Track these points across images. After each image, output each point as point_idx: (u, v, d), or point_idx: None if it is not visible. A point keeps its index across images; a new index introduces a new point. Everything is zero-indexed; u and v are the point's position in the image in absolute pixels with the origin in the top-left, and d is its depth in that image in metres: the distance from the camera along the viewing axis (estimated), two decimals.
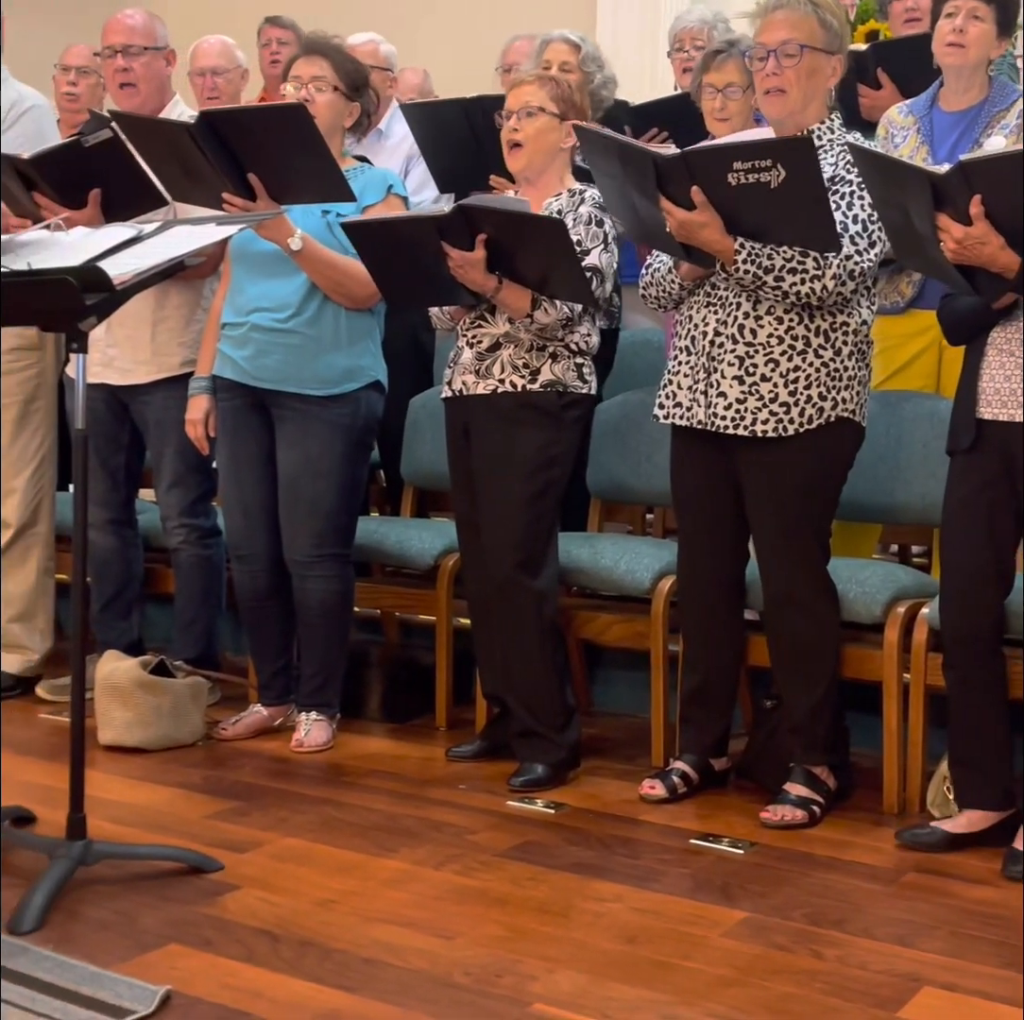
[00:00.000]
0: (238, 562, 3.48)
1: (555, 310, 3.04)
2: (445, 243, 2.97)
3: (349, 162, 3.40)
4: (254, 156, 3.12)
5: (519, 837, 2.80)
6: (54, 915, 2.27)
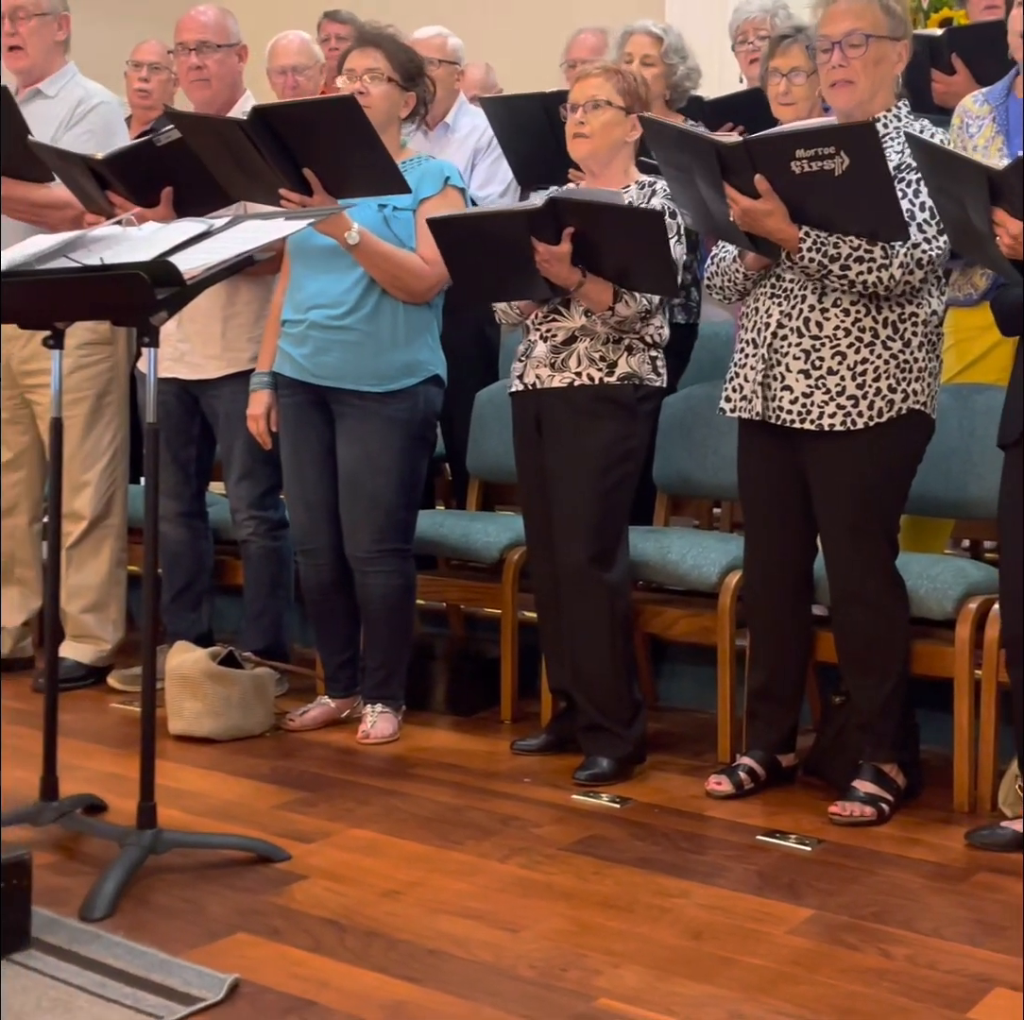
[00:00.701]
0: (303, 556, 3.50)
1: (635, 303, 3.03)
2: (533, 237, 2.96)
3: (407, 153, 3.39)
4: (308, 151, 3.12)
5: (584, 831, 2.79)
6: (125, 902, 2.31)
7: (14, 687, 3.84)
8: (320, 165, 3.13)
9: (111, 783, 2.92)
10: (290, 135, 3.10)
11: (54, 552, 2.76)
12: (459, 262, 3.13)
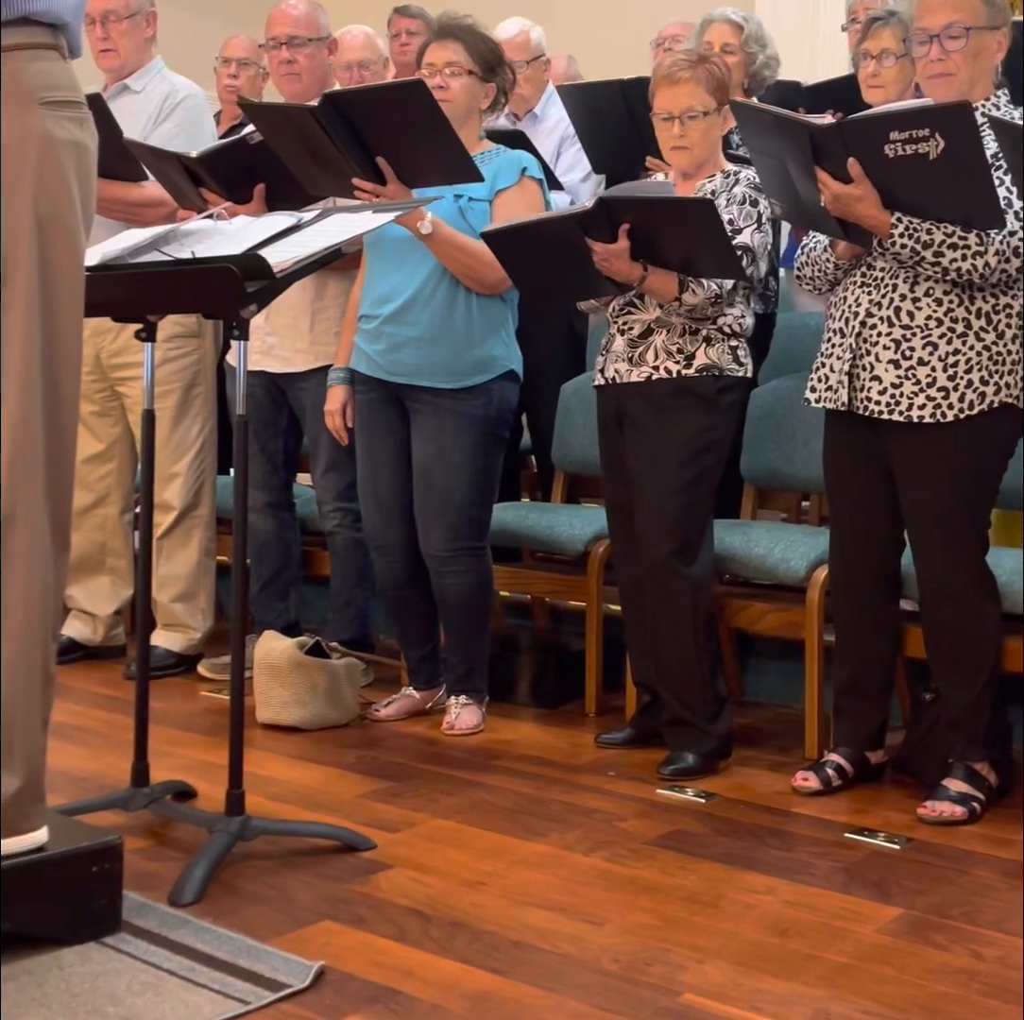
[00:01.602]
0: (376, 553, 3.51)
1: (703, 289, 3.00)
2: (588, 238, 2.95)
3: (485, 145, 3.39)
4: (380, 138, 3.12)
5: (669, 825, 2.78)
6: (213, 888, 2.33)
7: (106, 675, 3.91)
8: (392, 153, 3.13)
9: (200, 770, 2.96)
10: (361, 122, 3.10)
11: (146, 542, 2.80)
12: (520, 270, 3.12)
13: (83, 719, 3.45)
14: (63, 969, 2.00)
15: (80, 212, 1.99)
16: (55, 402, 2.00)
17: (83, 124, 2.00)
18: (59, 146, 1.93)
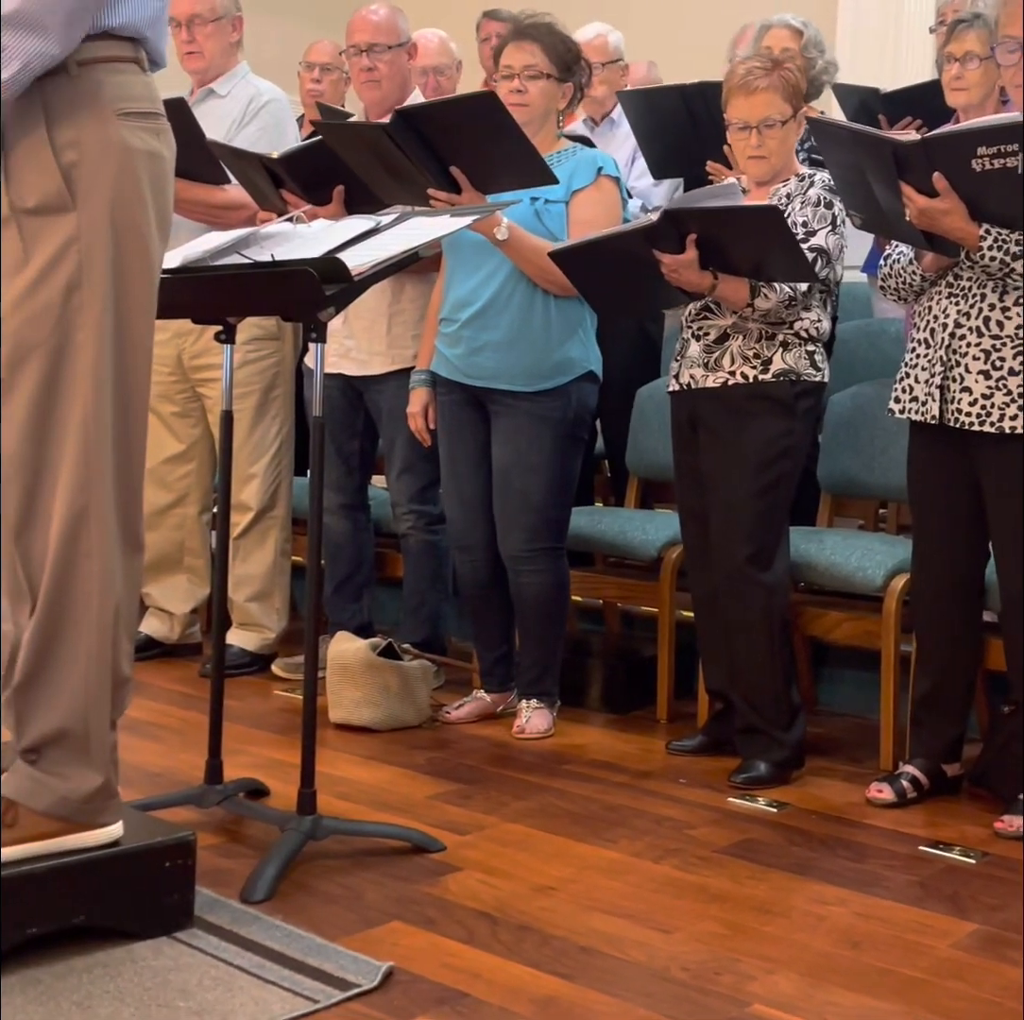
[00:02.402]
0: (459, 552, 3.53)
1: (775, 293, 2.98)
2: (656, 250, 2.94)
3: (561, 144, 3.38)
4: (453, 148, 3.14)
5: (740, 834, 2.76)
6: (284, 886, 2.35)
7: (182, 672, 3.96)
8: (466, 162, 3.15)
9: (273, 768, 2.98)
10: (434, 134, 3.12)
11: (223, 542, 2.82)
12: (590, 285, 3.12)
13: (159, 716, 3.49)
14: (136, 963, 2.02)
15: (154, 220, 2.03)
16: (125, 404, 2.04)
17: (160, 135, 2.04)
18: (135, 156, 1.98)
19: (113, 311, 1.98)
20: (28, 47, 1.86)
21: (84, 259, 1.95)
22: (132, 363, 2.03)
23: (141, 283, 2.02)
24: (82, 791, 2.04)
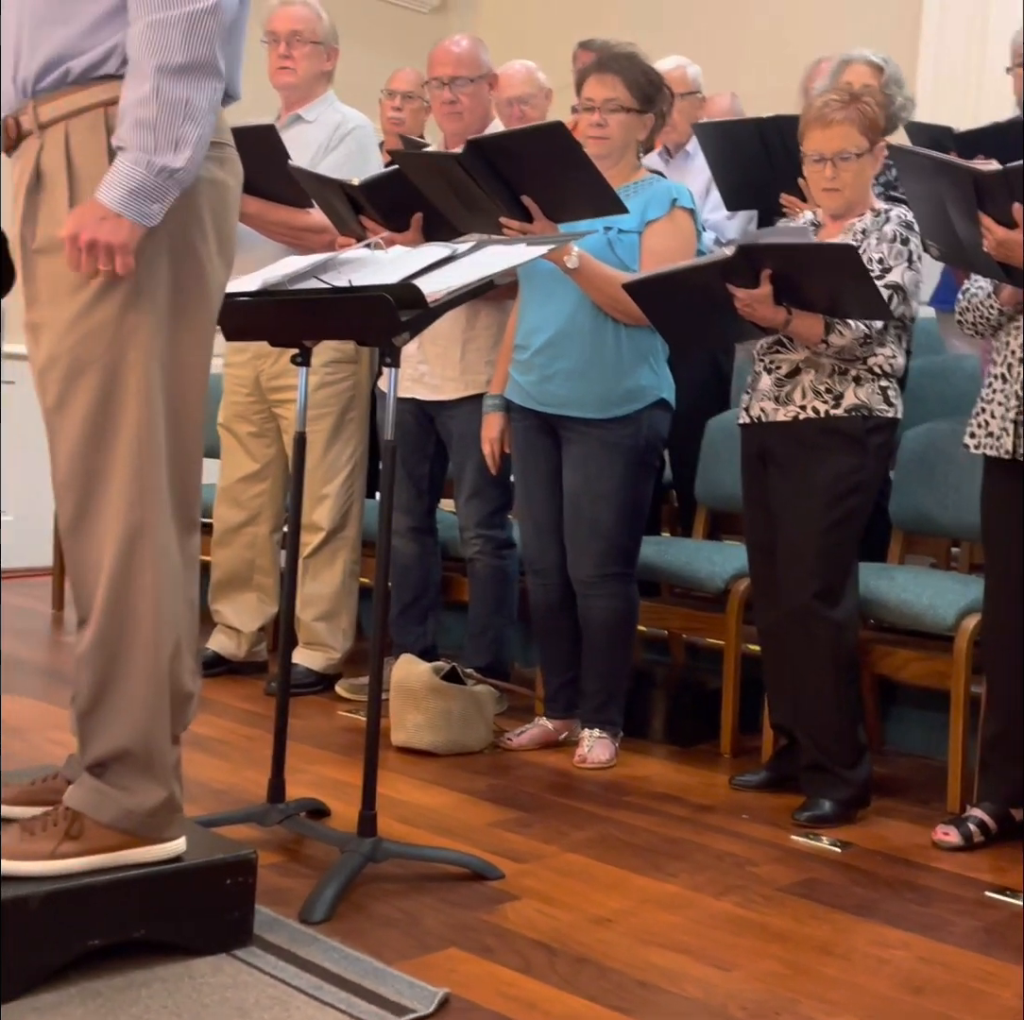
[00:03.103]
0: (532, 576, 3.54)
1: (850, 331, 2.96)
2: (730, 285, 2.93)
3: (640, 174, 3.39)
4: (524, 178, 3.16)
5: (802, 873, 2.73)
6: (343, 908, 2.35)
7: (248, 690, 3.99)
8: (537, 191, 3.17)
9: (334, 788, 3.00)
10: (505, 164, 3.15)
11: (292, 562, 2.85)
12: (663, 318, 3.12)
13: (224, 732, 3.52)
14: (194, 979, 2.03)
15: (214, 245, 2.06)
16: (177, 423, 2.07)
17: (224, 163, 2.08)
18: (198, 184, 2.01)
19: (168, 332, 2.02)
20: (207, 91, 1.93)
21: (141, 281, 1.99)
22: (186, 383, 2.07)
23: (197, 307, 2.06)
24: (147, 805, 2.06)
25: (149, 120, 1.89)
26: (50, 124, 1.99)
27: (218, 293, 2.11)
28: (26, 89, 2.02)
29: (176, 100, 1.89)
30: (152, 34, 1.89)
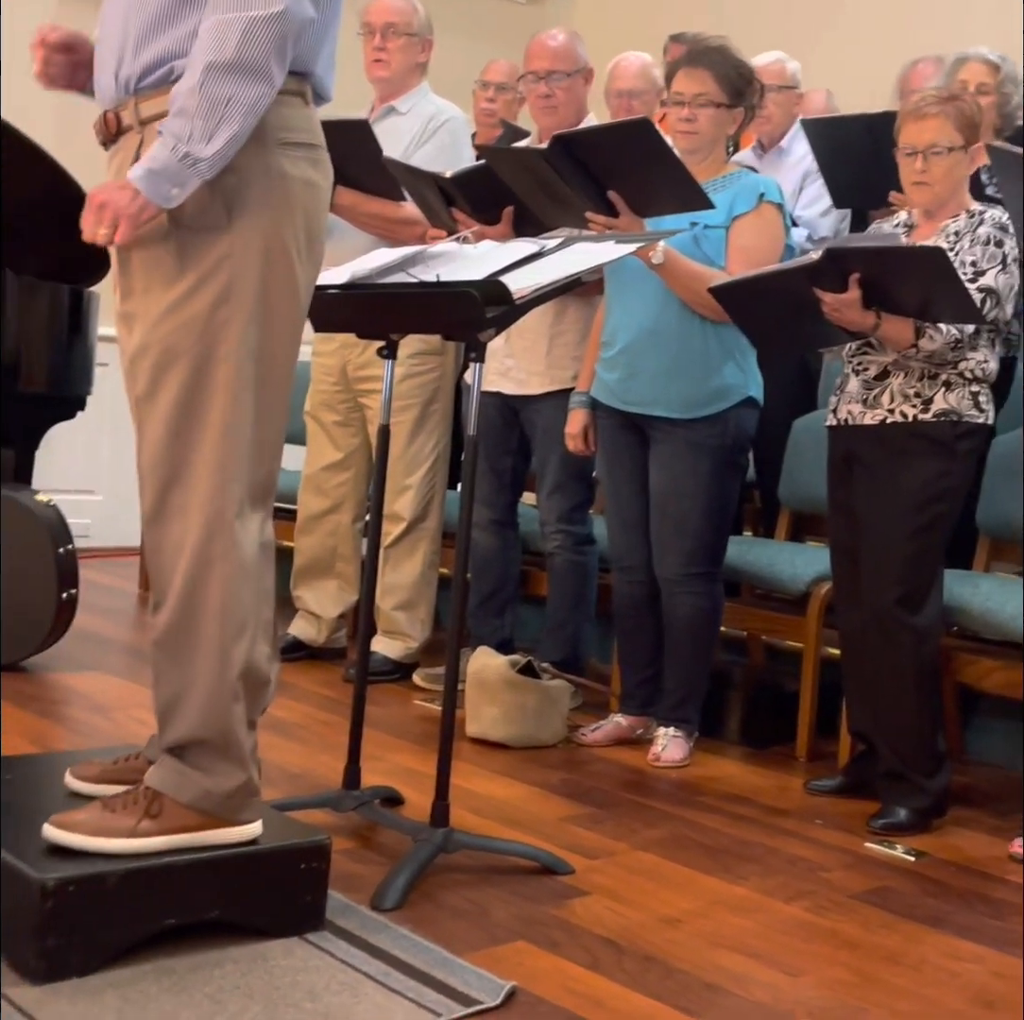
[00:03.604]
0: (619, 572, 3.54)
1: (941, 335, 2.92)
2: (817, 289, 2.91)
3: (728, 168, 3.37)
4: (610, 173, 3.15)
5: (875, 881, 2.71)
6: (413, 897, 2.37)
7: (326, 675, 4.03)
8: (623, 186, 3.16)
9: (408, 777, 3.02)
10: (591, 159, 3.14)
11: (373, 550, 2.87)
12: (750, 321, 3.10)
13: (302, 717, 3.56)
14: (267, 961, 2.07)
15: (304, 244, 2.10)
16: (262, 416, 2.09)
17: (316, 164, 2.12)
18: (291, 183, 2.05)
19: (257, 327, 2.06)
20: (252, 94, 1.95)
21: (233, 276, 2.03)
22: (273, 378, 2.10)
23: (287, 304, 2.09)
24: (225, 787, 2.10)
25: (190, 110, 1.94)
26: (151, 120, 2.03)
27: (306, 291, 2.15)
28: (128, 86, 2.06)
29: (218, 96, 1.93)
30: (213, 32, 1.94)
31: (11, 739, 3.12)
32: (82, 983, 1.93)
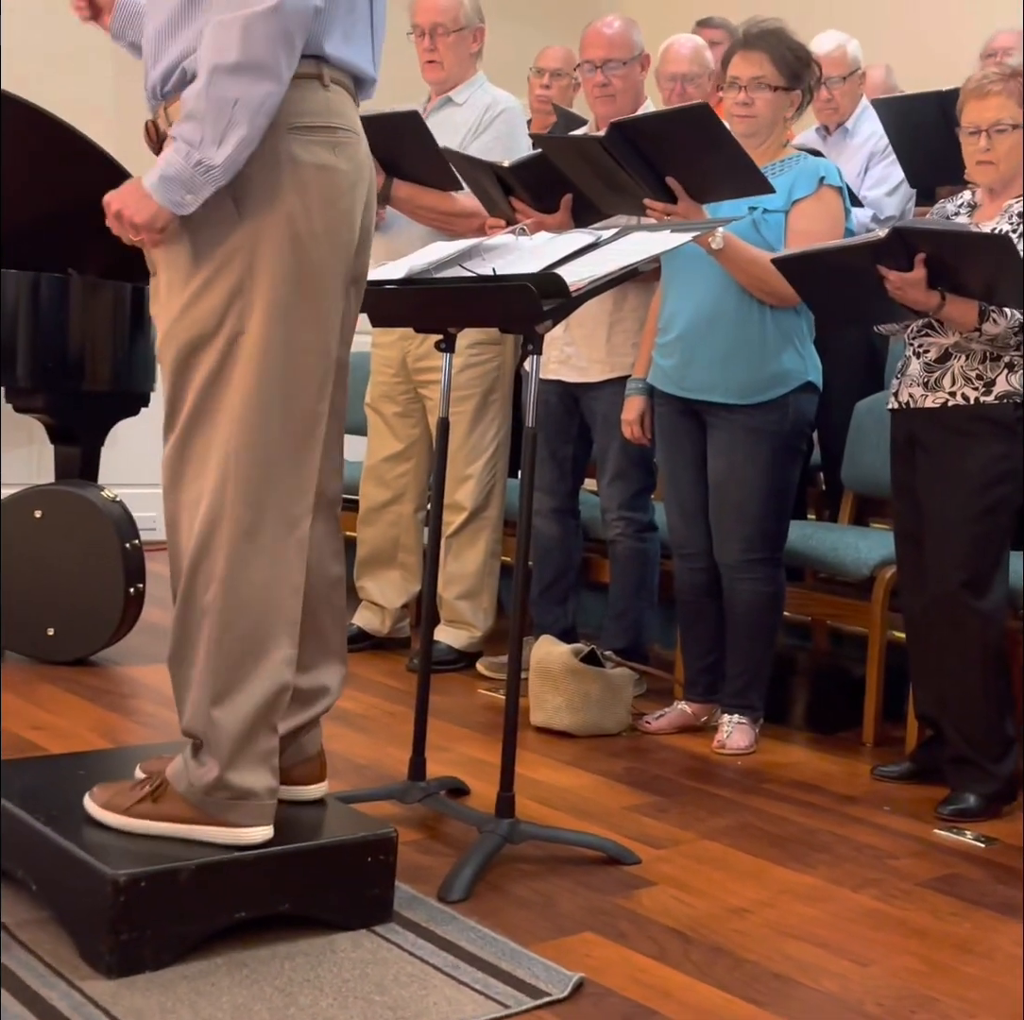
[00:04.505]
0: (680, 559, 3.53)
1: (1005, 319, 2.88)
2: (881, 267, 2.87)
3: (786, 152, 3.34)
4: (668, 159, 3.13)
5: (944, 868, 2.69)
6: (480, 888, 2.39)
7: (390, 665, 4.06)
8: (681, 172, 3.14)
9: (474, 767, 3.04)
10: (648, 146, 3.12)
11: (435, 541, 2.88)
12: (814, 293, 3.08)
13: (367, 708, 3.59)
14: (336, 953, 2.09)
15: (323, 228, 2.05)
16: (288, 409, 2.07)
17: (337, 148, 2.07)
18: (303, 169, 2.02)
19: (278, 315, 2.03)
20: (259, 93, 1.93)
21: (246, 267, 2.02)
22: (298, 367, 2.07)
23: (308, 289, 2.06)
24: (202, 781, 2.08)
25: (199, 113, 1.93)
26: None
27: (333, 275, 2.09)
28: (156, 93, 2.08)
29: (225, 98, 1.92)
30: (214, 34, 1.93)
31: (83, 733, 3.17)
32: (155, 976, 1.96)
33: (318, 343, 2.10)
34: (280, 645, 2.10)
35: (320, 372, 2.11)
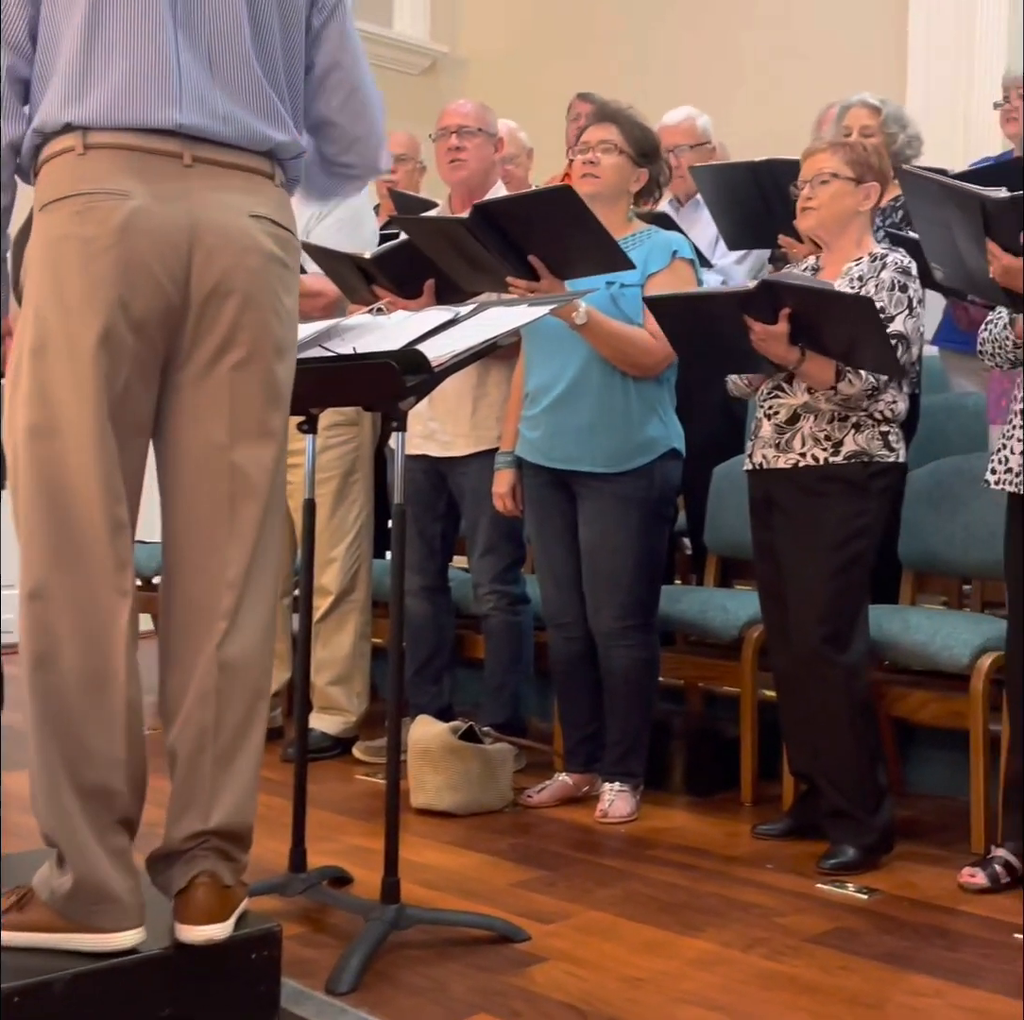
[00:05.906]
0: (554, 630, 3.54)
1: (860, 381, 2.97)
2: (748, 317, 2.96)
3: (635, 226, 3.42)
4: (531, 239, 3.18)
5: (830, 922, 2.71)
6: (369, 977, 2.33)
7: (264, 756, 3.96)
8: (544, 250, 3.19)
9: (356, 855, 2.98)
10: (512, 226, 3.17)
11: (305, 626, 2.85)
12: (680, 338, 3.16)
13: None
14: None
15: (62, 300, 1.98)
16: (50, 480, 2.00)
17: (82, 213, 1.98)
18: (50, 246, 2.01)
19: (37, 390, 2.00)
20: None
21: (19, 348, 2.03)
22: (62, 448, 1.98)
23: (61, 364, 1.99)
24: (62, 889, 2.00)
25: None
26: None
27: (88, 345, 1.98)
28: None
29: None
30: None
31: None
32: None
33: (79, 412, 1.98)
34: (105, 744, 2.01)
35: (87, 454, 1.99)
